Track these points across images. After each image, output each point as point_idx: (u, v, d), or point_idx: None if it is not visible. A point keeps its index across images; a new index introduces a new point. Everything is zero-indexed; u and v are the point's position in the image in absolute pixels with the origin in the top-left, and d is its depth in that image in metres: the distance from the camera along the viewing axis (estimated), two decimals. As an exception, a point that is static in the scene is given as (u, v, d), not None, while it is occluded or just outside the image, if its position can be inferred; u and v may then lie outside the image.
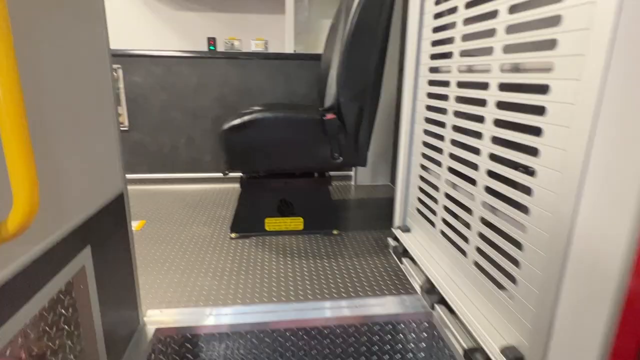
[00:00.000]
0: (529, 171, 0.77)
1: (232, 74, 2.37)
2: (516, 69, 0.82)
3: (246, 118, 1.57)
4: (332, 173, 2.58)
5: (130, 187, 2.41)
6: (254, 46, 2.91)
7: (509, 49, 0.83)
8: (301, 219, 1.77)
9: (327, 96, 1.70)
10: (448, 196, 1.14)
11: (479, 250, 0.97)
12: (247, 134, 1.57)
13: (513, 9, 0.81)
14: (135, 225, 1.85)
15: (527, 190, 0.78)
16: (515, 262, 0.82)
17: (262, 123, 1.57)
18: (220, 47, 2.88)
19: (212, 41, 2.86)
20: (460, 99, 1.06)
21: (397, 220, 1.54)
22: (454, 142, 1.10)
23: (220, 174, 2.53)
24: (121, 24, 2.77)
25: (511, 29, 0.82)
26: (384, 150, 2.53)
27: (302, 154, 1.63)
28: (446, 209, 1.16)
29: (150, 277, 1.37)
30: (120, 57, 2.26)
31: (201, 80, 2.35)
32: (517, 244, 0.81)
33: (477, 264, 0.98)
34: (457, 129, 1.08)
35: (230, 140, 1.57)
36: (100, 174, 0.85)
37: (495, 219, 0.89)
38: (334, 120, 1.59)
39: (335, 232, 1.79)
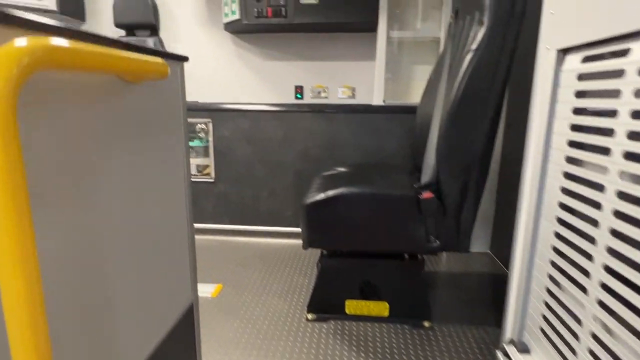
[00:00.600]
0: None
1: (318, 127, 2.28)
2: None
3: (330, 194, 1.41)
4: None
5: (211, 237, 2.42)
6: (341, 93, 2.81)
7: None
8: (386, 304, 1.54)
9: (423, 167, 1.48)
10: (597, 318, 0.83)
11: None
12: (330, 210, 1.42)
13: None
14: (212, 290, 1.79)
15: None
16: None
17: (348, 199, 1.41)
18: (307, 95, 2.83)
19: (299, 89, 2.83)
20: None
21: (509, 330, 1.24)
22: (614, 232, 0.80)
23: (300, 229, 2.42)
24: (214, 74, 2.88)
25: None
26: (482, 208, 2.20)
27: (391, 235, 1.42)
28: (596, 338, 0.85)
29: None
30: (212, 111, 2.31)
31: (286, 133, 2.30)
32: None
33: None
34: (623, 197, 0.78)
35: (312, 216, 1.43)
36: (166, 292, 0.74)
37: None
38: (431, 200, 1.37)
39: (426, 324, 1.53)
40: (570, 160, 0.97)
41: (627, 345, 0.74)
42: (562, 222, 0.99)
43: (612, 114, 0.81)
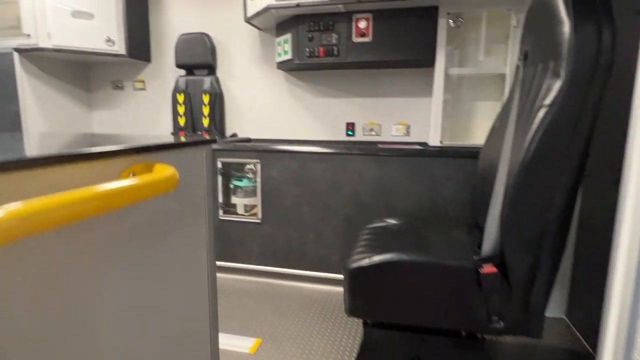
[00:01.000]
0: None
1: (368, 171, 2.15)
2: None
3: (377, 259, 1.28)
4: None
5: (255, 279, 2.37)
6: (395, 130, 2.68)
7: None
8: (439, 386, 1.35)
9: (485, 233, 1.30)
10: None
11: None
12: (377, 278, 1.28)
13: None
14: (250, 345, 1.71)
15: None
16: None
17: (397, 267, 1.26)
18: (359, 132, 2.73)
19: (350, 126, 2.74)
20: None
21: None
22: None
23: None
24: (266, 110, 2.89)
25: None
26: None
27: (446, 310, 1.25)
28: None
29: None
30: (260, 152, 2.29)
31: (335, 176, 2.20)
32: None
33: None
34: None
35: (356, 282, 1.30)
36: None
37: None
38: (493, 276, 1.18)
39: (487, 416, 1.31)
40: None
41: None
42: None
43: None
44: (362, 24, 2.28)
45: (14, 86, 2.66)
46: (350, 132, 2.74)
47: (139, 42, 2.91)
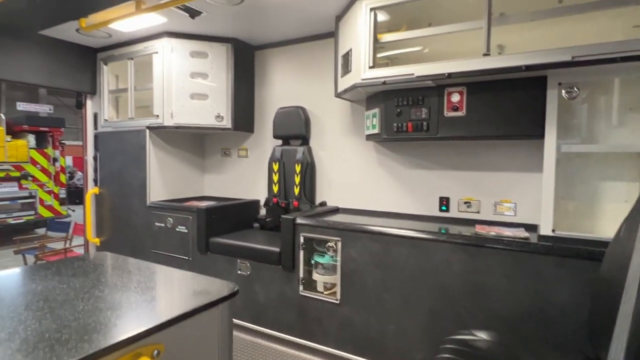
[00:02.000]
0: None
1: (459, 262, 1.89)
2: None
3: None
4: None
5: (332, 366, 2.21)
6: (497, 209, 2.34)
7: None
8: None
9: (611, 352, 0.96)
10: None
11: None
12: None
13: None
14: None
15: None
16: None
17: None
18: (454, 208, 2.47)
19: (444, 201, 2.50)
20: None
21: None
22: None
23: (432, 380, 1.98)
24: (355, 180, 2.83)
25: None
26: None
27: None
28: None
29: None
30: (341, 230, 2.21)
31: (420, 263, 1.98)
32: None
33: None
34: None
35: None
36: None
37: None
38: None
39: None
40: None
41: None
42: None
43: None
44: (455, 98, 2.10)
45: (145, 157, 3.14)
46: (444, 208, 2.50)
47: (244, 116, 3.20)
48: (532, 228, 2.14)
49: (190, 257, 2.89)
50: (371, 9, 2.19)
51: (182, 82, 2.98)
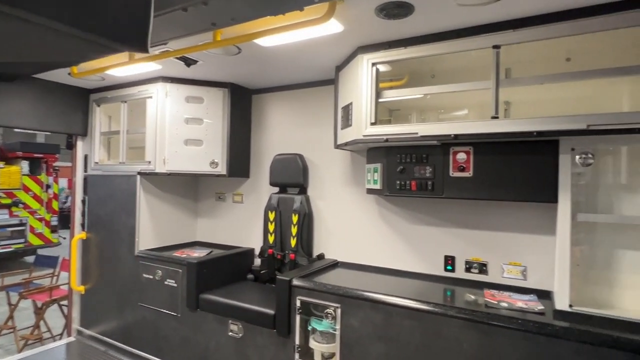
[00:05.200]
0: None
1: (470, 340, 1.73)
2: None
3: None
4: None
5: None
6: (506, 272, 2.20)
7: None
8: None
9: None
10: None
11: None
12: None
13: None
14: None
15: None
16: None
17: None
18: (460, 268, 2.33)
19: (450, 260, 2.36)
20: None
21: None
22: None
23: None
24: (355, 234, 2.70)
25: None
26: None
27: None
28: None
29: None
30: (341, 296, 2.06)
31: (425, 339, 1.83)
32: None
33: None
34: None
35: None
36: None
37: None
38: None
39: None
40: None
41: None
42: None
43: None
44: (461, 157, 2.00)
45: (135, 203, 3.00)
46: (449, 267, 2.35)
47: (239, 162, 3.09)
48: (544, 295, 2.00)
49: (179, 314, 2.71)
50: (373, 64, 2.11)
51: (176, 128, 2.88)
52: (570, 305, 1.74)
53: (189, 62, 2.43)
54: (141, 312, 2.91)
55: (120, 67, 2.41)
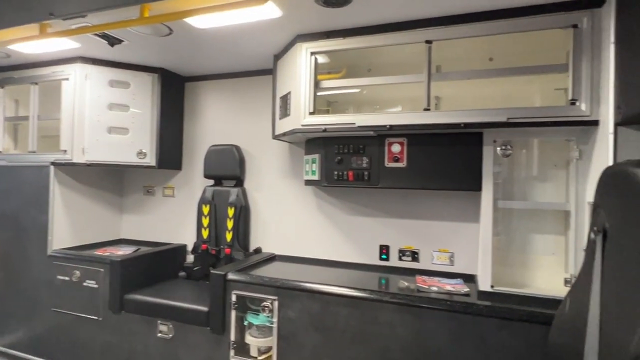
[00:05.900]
0: None
1: (403, 324, 1.79)
2: None
3: None
4: None
5: None
6: (436, 258, 2.32)
7: None
8: None
9: None
10: None
11: None
12: None
13: None
14: None
15: None
16: None
17: None
18: (394, 257, 2.41)
19: (384, 249, 2.43)
20: None
21: None
22: None
23: None
24: (292, 226, 2.67)
25: None
26: None
27: None
28: None
29: None
30: (278, 288, 2.02)
31: (362, 326, 1.86)
32: None
33: None
34: None
35: None
36: None
37: None
38: None
39: None
40: None
41: None
42: None
43: None
44: (396, 148, 2.07)
45: (47, 197, 2.68)
46: (384, 256, 2.42)
47: (170, 153, 2.91)
48: (469, 278, 2.14)
49: (100, 317, 2.47)
50: (312, 53, 2.10)
51: (97, 114, 2.62)
52: (492, 286, 1.87)
53: (112, 41, 2.22)
54: (55, 319, 2.61)
55: (29, 41, 2.12)
